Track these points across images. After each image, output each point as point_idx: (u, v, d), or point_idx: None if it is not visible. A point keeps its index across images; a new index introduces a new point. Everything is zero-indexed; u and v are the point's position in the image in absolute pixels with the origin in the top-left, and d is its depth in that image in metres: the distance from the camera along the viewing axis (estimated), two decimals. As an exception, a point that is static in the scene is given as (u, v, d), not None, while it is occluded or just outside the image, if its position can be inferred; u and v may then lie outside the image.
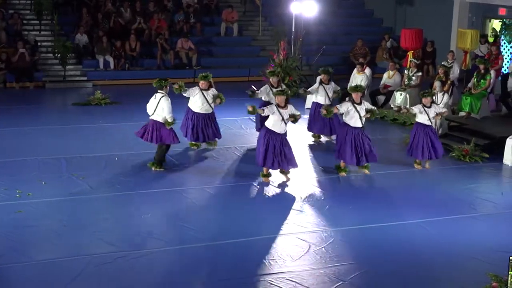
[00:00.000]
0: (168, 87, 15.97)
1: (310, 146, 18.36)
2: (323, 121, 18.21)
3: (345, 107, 15.72)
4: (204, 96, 16.94)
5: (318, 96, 18.57)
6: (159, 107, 15.61)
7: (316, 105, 18.64)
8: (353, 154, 15.62)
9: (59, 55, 25.33)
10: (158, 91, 15.83)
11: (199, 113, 17.04)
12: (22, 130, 19.07)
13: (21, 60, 24.62)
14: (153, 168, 15.91)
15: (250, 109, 15.09)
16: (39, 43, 26.27)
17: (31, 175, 15.31)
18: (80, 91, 24.52)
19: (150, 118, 15.82)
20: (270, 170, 15.32)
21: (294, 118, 15.00)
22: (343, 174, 15.98)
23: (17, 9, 27.95)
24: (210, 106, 17.07)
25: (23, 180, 14.94)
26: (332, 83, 18.66)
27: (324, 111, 15.85)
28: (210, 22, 29.91)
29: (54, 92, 24.71)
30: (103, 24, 27.38)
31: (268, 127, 15.07)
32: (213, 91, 17.07)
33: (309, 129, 18.91)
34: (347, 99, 17.19)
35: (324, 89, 18.44)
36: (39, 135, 18.63)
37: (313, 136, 18.95)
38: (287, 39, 25.82)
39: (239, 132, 18.73)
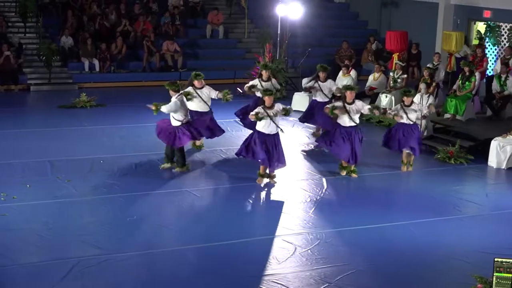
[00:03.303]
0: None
1: (298, 148, 18.35)
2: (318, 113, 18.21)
3: (336, 105, 15.85)
4: (199, 95, 16.85)
5: (317, 94, 18.60)
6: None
7: (312, 102, 18.80)
8: (348, 150, 15.72)
9: (44, 58, 25.23)
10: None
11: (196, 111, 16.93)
12: (7, 133, 18.99)
13: (6, 63, 24.48)
14: (178, 170, 16.04)
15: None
16: (24, 46, 26.14)
17: (16, 178, 15.25)
18: (66, 94, 24.42)
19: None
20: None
21: (286, 111, 15.04)
22: (344, 173, 16.07)
23: (2, 11, 27.78)
24: (207, 104, 17.01)
25: (8, 183, 14.87)
26: (329, 81, 18.67)
27: (327, 110, 15.93)
28: (195, 24, 29.89)
29: (39, 94, 24.63)
30: (88, 26, 27.30)
31: (258, 130, 15.10)
32: (207, 88, 16.99)
33: (305, 121, 19.07)
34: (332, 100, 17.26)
35: (320, 87, 18.47)
36: (24, 138, 18.55)
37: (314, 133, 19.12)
38: (273, 41, 25.85)
39: (225, 135, 18.69)
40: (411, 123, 16.24)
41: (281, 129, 15.19)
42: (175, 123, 15.75)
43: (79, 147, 17.80)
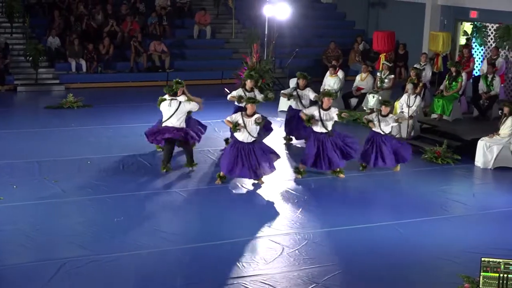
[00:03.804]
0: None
1: (284, 149, 18.36)
2: (296, 125, 18.20)
3: (311, 111, 15.82)
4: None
5: (292, 100, 18.52)
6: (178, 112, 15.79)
7: (289, 108, 18.77)
8: (312, 157, 15.71)
9: (30, 58, 25.13)
10: (172, 97, 15.82)
11: None
12: (-6, 133, 18.96)
13: (-8, 63, 24.45)
14: (191, 168, 16.20)
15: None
16: (10, 46, 26.04)
17: (3, 179, 15.20)
18: (53, 94, 24.38)
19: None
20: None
21: (257, 123, 14.99)
22: (342, 176, 16.11)
23: (-12, 12, 27.76)
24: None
25: (-5, 184, 14.85)
26: (307, 89, 18.37)
27: (303, 116, 15.92)
28: (183, 24, 29.86)
29: (26, 95, 24.55)
30: (75, 26, 27.23)
31: (235, 137, 15.16)
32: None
33: (285, 130, 19.00)
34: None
35: (298, 94, 18.37)
36: (11, 139, 18.50)
37: (284, 138, 19.00)
38: (260, 41, 25.85)
39: (213, 135, 18.71)
40: (383, 133, 16.25)
41: (255, 139, 15.18)
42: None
43: (66, 148, 17.76)
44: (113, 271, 11.18)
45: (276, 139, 18.66)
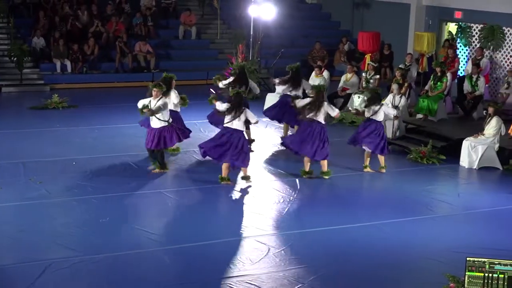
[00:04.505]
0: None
1: (271, 149, 18.38)
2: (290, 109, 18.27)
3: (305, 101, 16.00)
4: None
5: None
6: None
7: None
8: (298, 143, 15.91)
9: (15, 59, 25.04)
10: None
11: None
12: (-22, 134, 18.88)
13: (-24, 64, 24.35)
14: (158, 170, 15.98)
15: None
16: (-5, 47, 26.02)
17: (-13, 180, 15.16)
18: (37, 95, 24.27)
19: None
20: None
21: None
22: (326, 177, 16.09)
23: (-28, 12, 27.61)
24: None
25: (-20, 185, 14.79)
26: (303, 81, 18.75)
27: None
28: (168, 25, 29.83)
29: (11, 96, 24.47)
30: (60, 27, 27.14)
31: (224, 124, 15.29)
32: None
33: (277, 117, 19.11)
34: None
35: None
36: (-4, 140, 18.44)
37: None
38: (246, 42, 25.86)
39: (198, 136, 18.68)
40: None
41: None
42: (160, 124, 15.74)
43: (51, 149, 17.70)
44: (99, 272, 11.14)
45: (264, 138, 18.68)
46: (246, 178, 15.52)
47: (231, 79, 18.33)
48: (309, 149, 15.70)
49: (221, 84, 17.98)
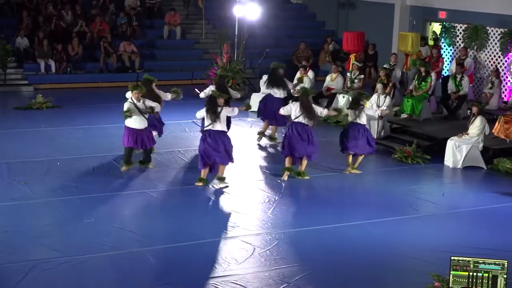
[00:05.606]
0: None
1: (256, 148, 18.38)
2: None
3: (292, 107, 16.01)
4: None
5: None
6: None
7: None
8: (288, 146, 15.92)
9: (-1, 59, 24.96)
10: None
11: None
12: (-38, 135, 18.78)
13: (-40, 64, 24.19)
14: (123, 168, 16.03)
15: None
16: (-22, 47, 25.85)
17: (-29, 181, 15.09)
18: (21, 95, 24.19)
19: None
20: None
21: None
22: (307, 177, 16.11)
23: (-45, 12, 27.46)
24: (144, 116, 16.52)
25: (-37, 186, 14.71)
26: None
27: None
28: (152, 25, 29.77)
29: (-6, 96, 24.37)
30: (44, 27, 27.03)
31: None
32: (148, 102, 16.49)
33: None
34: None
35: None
36: (-21, 140, 18.35)
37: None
38: (231, 42, 25.85)
39: (183, 135, 18.67)
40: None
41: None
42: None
43: (35, 149, 17.63)
44: (84, 273, 11.11)
45: (249, 138, 18.69)
46: (221, 179, 15.42)
47: (211, 87, 18.03)
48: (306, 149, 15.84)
49: (203, 94, 17.74)
